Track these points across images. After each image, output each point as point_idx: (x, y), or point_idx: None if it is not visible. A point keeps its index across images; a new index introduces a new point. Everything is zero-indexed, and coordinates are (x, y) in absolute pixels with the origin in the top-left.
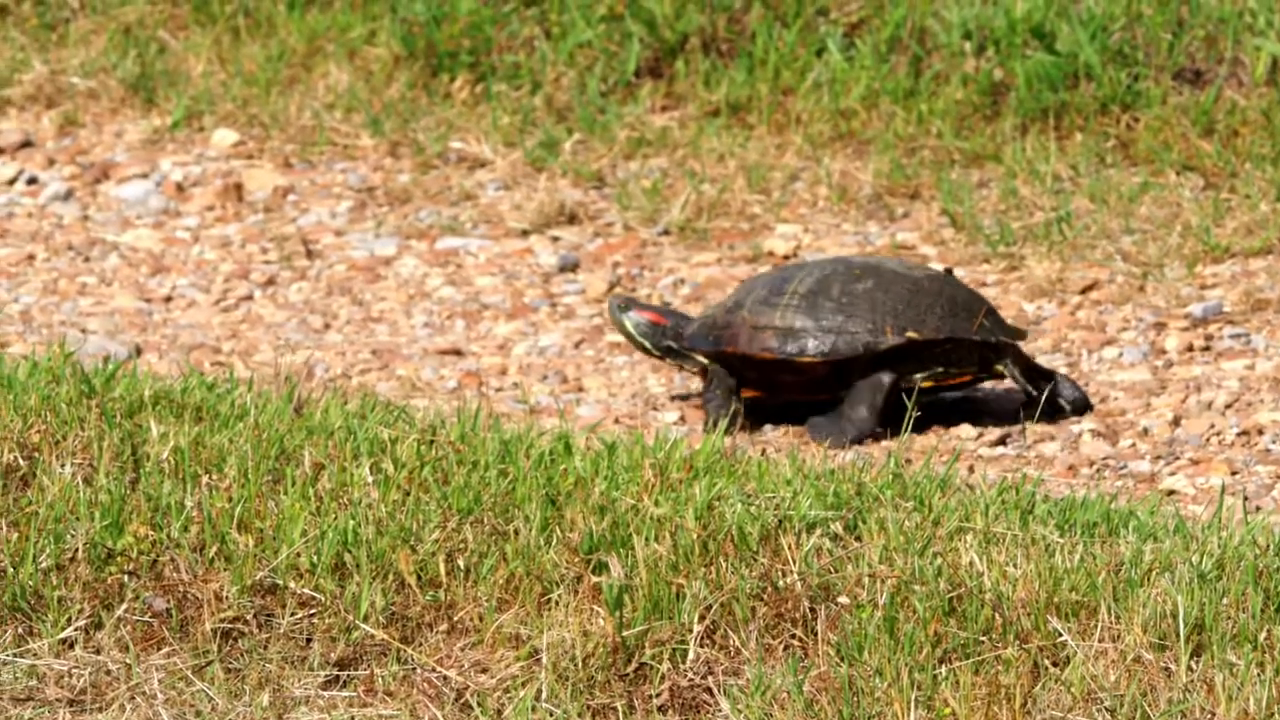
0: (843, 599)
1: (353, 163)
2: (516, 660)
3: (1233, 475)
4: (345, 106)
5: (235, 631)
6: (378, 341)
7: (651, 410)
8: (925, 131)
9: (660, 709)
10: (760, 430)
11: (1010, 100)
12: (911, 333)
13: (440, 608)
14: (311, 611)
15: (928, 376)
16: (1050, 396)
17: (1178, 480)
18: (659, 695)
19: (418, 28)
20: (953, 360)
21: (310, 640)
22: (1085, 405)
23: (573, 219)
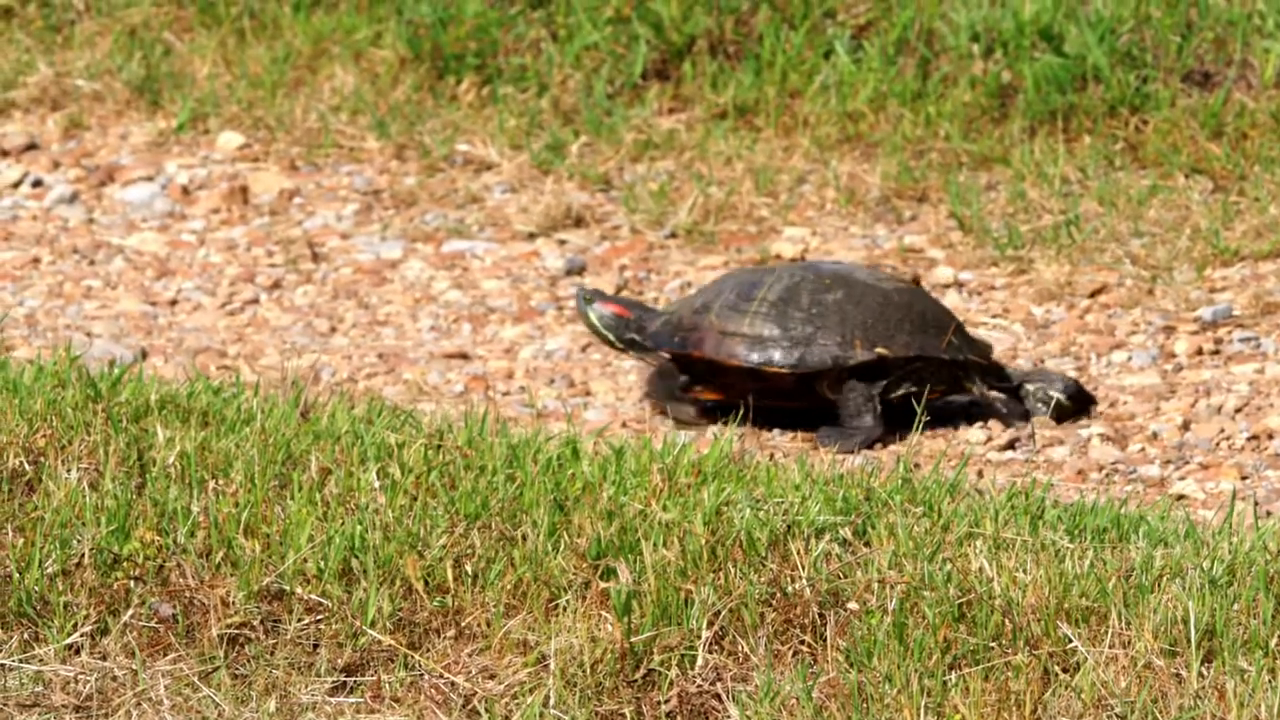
0: (852, 605)
1: (358, 165)
2: (524, 666)
3: (1243, 480)
4: (351, 109)
5: (242, 637)
6: (384, 345)
7: (659, 414)
8: (933, 134)
9: (669, 715)
10: (769, 435)
11: (1018, 102)
12: (881, 349)
13: (448, 613)
14: (318, 617)
15: (899, 396)
16: (1023, 398)
17: (1187, 485)
18: (667, 701)
19: (424, 30)
20: (923, 378)
21: (317, 646)
22: (1070, 399)
23: (579, 222)
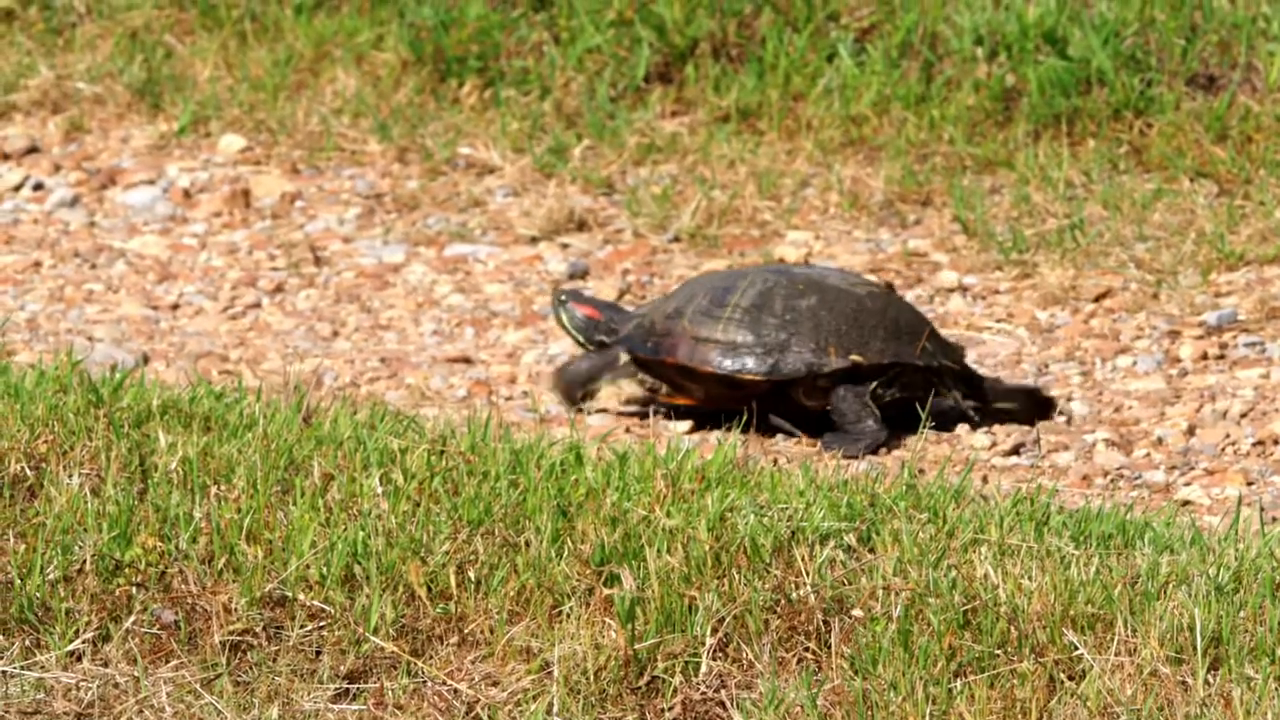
0: (856, 611)
1: (361, 169)
2: (528, 673)
3: (1248, 485)
4: (353, 112)
5: (244, 644)
6: (386, 349)
7: (663, 419)
8: (937, 137)
9: None
10: (772, 440)
11: (1022, 106)
12: (856, 355)
13: (451, 620)
14: (321, 624)
15: (885, 403)
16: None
17: (1193, 491)
18: (671, 709)
19: (426, 32)
20: (897, 384)
21: (320, 653)
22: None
23: (582, 226)
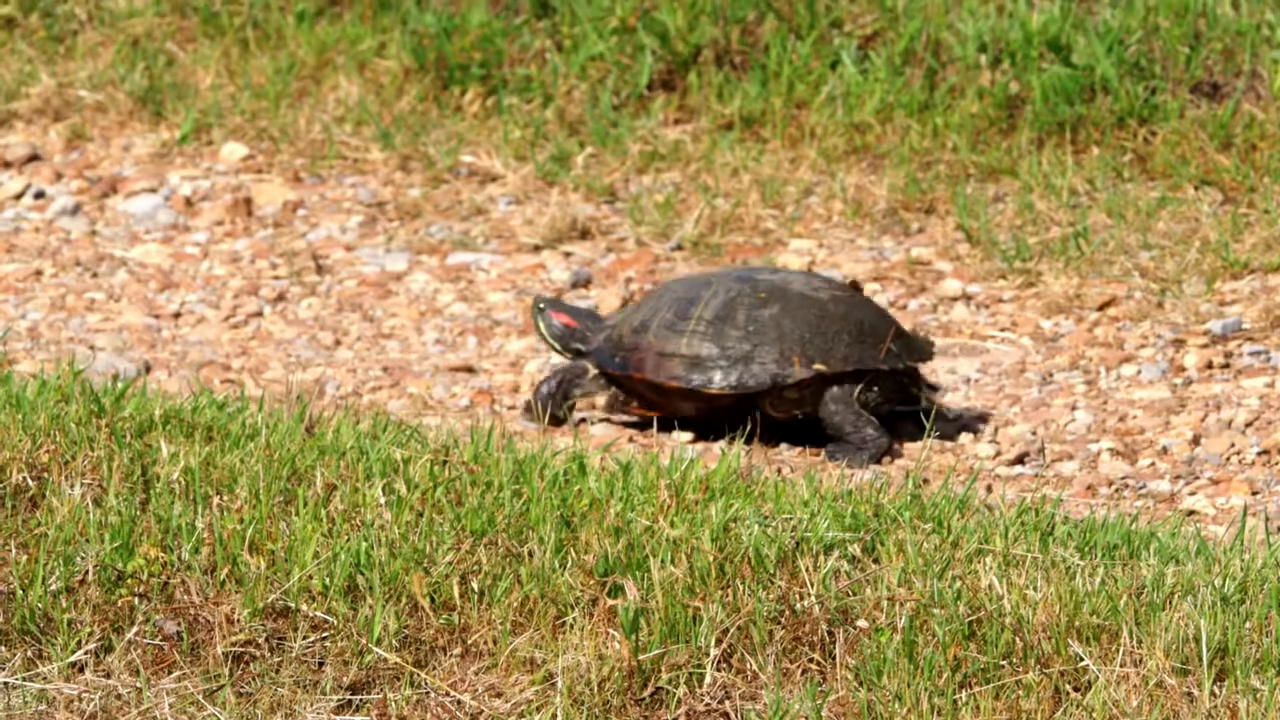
0: (861, 622)
1: (363, 177)
2: (531, 684)
3: (1254, 495)
4: (355, 120)
5: (247, 655)
6: (389, 358)
7: (665, 430)
8: (940, 145)
9: None
10: (775, 450)
11: (1026, 114)
12: (819, 364)
13: (454, 631)
14: (324, 635)
15: (871, 408)
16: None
17: (1198, 500)
18: None
19: (428, 40)
20: (870, 387)
21: (323, 664)
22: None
23: (585, 234)
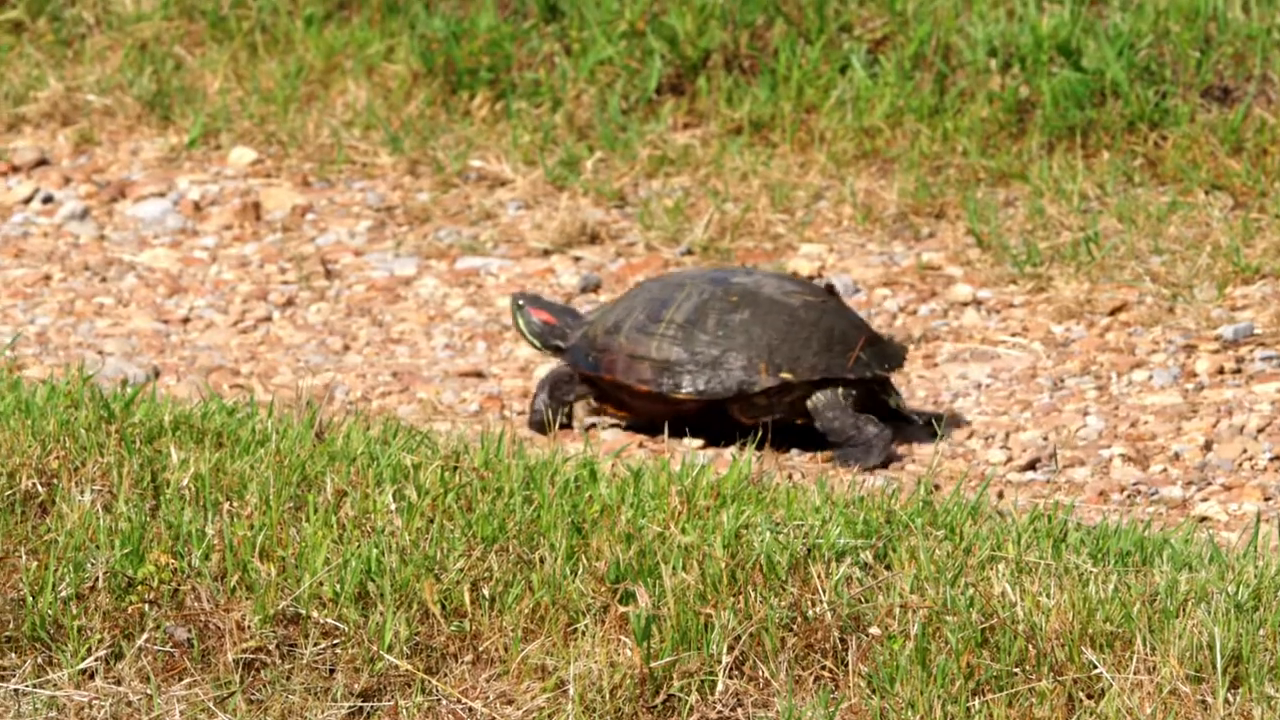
0: (874, 629)
1: (371, 181)
2: (543, 691)
3: (1266, 501)
4: (364, 124)
5: (257, 662)
6: (398, 363)
7: (676, 435)
8: (950, 150)
9: None
10: (786, 455)
11: (1036, 118)
12: (786, 373)
13: (465, 638)
14: (335, 642)
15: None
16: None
17: (1210, 506)
18: None
19: (437, 44)
20: (846, 390)
21: (333, 671)
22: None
23: (594, 239)
